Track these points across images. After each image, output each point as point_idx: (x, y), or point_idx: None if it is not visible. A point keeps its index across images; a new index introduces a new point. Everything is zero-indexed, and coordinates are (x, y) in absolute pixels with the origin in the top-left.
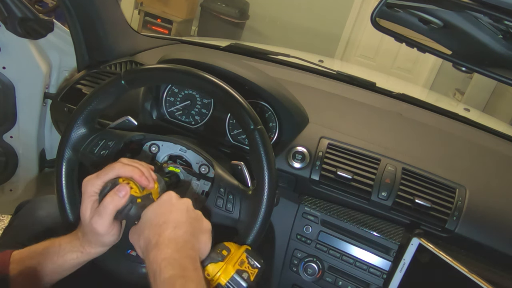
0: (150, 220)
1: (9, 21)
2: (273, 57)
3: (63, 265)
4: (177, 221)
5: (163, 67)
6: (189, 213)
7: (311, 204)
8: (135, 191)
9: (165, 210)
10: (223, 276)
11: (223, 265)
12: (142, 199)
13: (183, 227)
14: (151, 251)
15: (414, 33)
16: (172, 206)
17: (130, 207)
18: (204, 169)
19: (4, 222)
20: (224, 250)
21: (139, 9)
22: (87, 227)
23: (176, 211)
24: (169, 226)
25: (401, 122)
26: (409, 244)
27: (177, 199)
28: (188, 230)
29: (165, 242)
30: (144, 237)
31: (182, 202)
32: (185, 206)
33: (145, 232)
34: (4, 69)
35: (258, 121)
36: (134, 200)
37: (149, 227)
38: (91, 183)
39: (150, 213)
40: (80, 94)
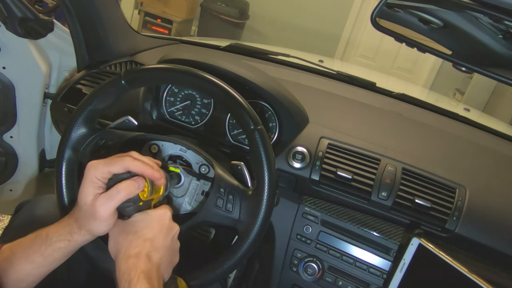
0: (138, 227)
1: (9, 21)
2: (273, 57)
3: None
4: (160, 245)
5: (163, 67)
6: (172, 242)
7: (311, 204)
8: (143, 195)
9: (156, 226)
10: None
11: None
12: (143, 204)
13: (162, 252)
14: (131, 257)
15: (414, 33)
16: (163, 227)
17: (131, 205)
18: (204, 169)
19: (4, 222)
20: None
21: (139, 9)
22: (86, 210)
23: (163, 234)
24: (152, 245)
25: (401, 122)
26: (409, 244)
27: (170, 220)
28: (164, 257)
29: (144, 258)
30: (127, 239)
31: (173, 227)
32: (173, 232)
33: (129, 235)
34: (4, 69)
35: (258, 121)
36: (137, 201)
37: (134, 233)
38: (96, 168)
39: (142, 221)
40: (80, 94)
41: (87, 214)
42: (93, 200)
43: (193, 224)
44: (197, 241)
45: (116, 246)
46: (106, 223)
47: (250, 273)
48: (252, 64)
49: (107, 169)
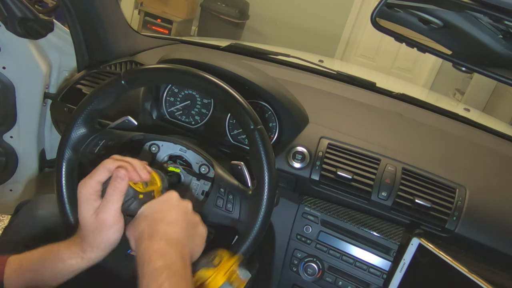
0: (147, 214)
1: (9, 21)
2: (273, 57)
3: (62, 272)
4: (174, 220)
5: (163, 67)
6: (187, 215)
7: (311, 204)
8: (138, 187)
9: (164, 207)
10: (212, 284)
11: (214, 273)
12: (144, 196)
13: (179, 226)
14: (144, 242)
15: (414, 33)
16: (172, 206)
17: (132, 201)
18: (204, 169)
19: (4, 222)
20: (217, 258)
21: (139, 9)
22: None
23: (174, 211)
24: (164, 222)
25: (401, 122)
26: (409, 244)
27: (178, 199)
28: (182, 230)
29: (158, 235)
30: (139, 229)
31: (183, 203)
32: (185, 207)
33: (141, 224)
34: (4, 69)
35: (258, 121)
36: (136, 195)
37: (145, 220)
38: (85, 185)
39: (148, 208)
40: (80, 94)
41: (92, 229)
42: (94, 214)
43: None
44: None
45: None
46: (114, 229)
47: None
48: (252, 64)
49: (95, 181)
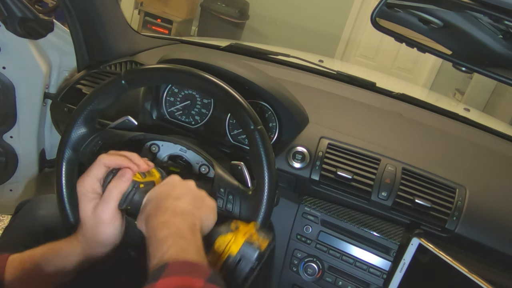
0: (152, 198)
1: (9, 21)
2: (273, 57)
3: (64, 269)
4: (179, 194)
5: (163, 67)
6: (192, 190)
7: (311, 204)
8: (137, 177)
9: (168, 188)
10: (233, 247)
11: (233, 236)
12: (145, 185)
13: (184, 199)
14: (150, 220)
15: (414, 33)
16: (175, 185)
17: (134, 192)
18: (204, 169)
19: (4, 222)
20: (233, 224)
21: (139, 9)
22: (90, 222)
23: (178, 187)
24: (169, 198)
25: (401, 122)
26: (409, 244)
27: (180, 180)
28: (188, 203)
29: (163, 209)
30: (146, 212)
31: (186, 181)
32: (189, 184)
33: (147, 208)
34: (4, 69)
35: (258, 121)
36: (137, 185)
37: (150, 203)
38: (82, 183)
39: (152, 192)
40: (80, 94)
41: (92, 226)
42: (93, 211)
43: None
44: None
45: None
46: (112, 226)
47: None
48: (252, 64)
49: (92, 178)
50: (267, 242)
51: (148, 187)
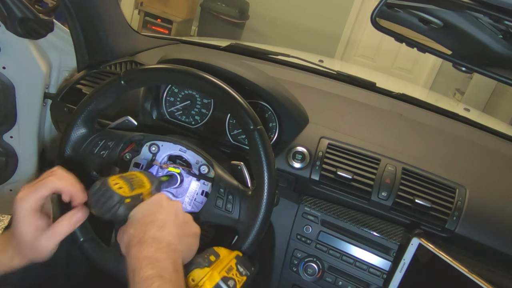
0: (136, 218)
1: (9, 21)
2: (273, 57)
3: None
4: (164, 222)
5: (163, 67)
6: (177, 215)
7: (311, 204)
8: (124, 191)
9: (154, 210)
10: (207, 283)
11: (209, 271)
12: (131, 199)
13: (169, 227)
14: (133, 247)
15: (414, 33)
16: (161, 207)
17: (118, 207)
18: (204, 169)
19: (4, 222)
20: (212, 256)
21: (139, 9)
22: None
23: (164, 212)
24: (154, 225)
25: (401, 122)
26: (409, 244)
27: (167, 201)
28: (173, 232)
29: (148, 241)
30: (128, 234)
31: (172, 204)
32: (175, 208)
33: (130, 229)
34: (4, 69)
35: (257, 121)
36: (122, 200)
37: (134, 225)
38: (25, 200)
39: (137, 211)
40: (80, 94)
41: (28, 248)
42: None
43: None
44: None
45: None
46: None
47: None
48: (252, 64)
49: (36, 198)
50: (244, 279)
51: (135, 202)
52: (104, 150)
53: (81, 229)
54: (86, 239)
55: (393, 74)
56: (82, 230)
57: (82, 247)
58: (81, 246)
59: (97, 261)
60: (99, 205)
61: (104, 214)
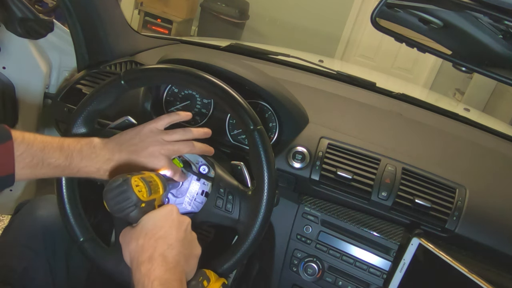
0: (148, 228)
1: (9, 21)
2: (273, 57)
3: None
4: (174, 240)
5: (163, 67)
6: (186, 233)
7: (311, 204)
8: (142, 195)
9: (165, 223)
10: None
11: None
12: (146, 204)
13: (178, 247)
14: (143, 263)
15: (414, 33)
16: (173, 222)
17: (133, 209)
18: (204, 169)
19: (4, 222)
20: (205, 281)
21: (139, 9)
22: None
23: (175, 228)
24: (164, 242)
25: (401, 122)
26: (409, 244)
27: (178, 214)
28: (181, 252)
29: (158, 260)
30: (138, 244)
31: (183, 220)
32: (185, 225)
33: (139, 239)
34: (4, 69)
35: (257, 121)
36: (138, 203)
37: (144, 236)
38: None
39: (149, 221)
40: (80, 94)
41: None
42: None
43: (193, 224)
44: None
45: (130, 255)
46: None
47: (250, 273)
48: (252, 64)
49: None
50: None
51: (148, 207)
52: None
53: (81, 229)
54: (86, 239)
55: (393, 74)
56: (82, 230)
57: (82, 247)
58: (81, 246)
59: (97, 261)
60: (115, 201)
61: (116, 212)
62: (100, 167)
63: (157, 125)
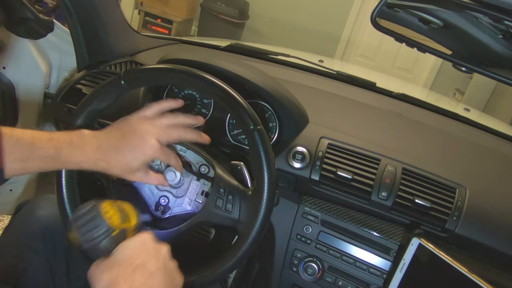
0: (122, 259)
1: (9, 21)
2: (273, 57)
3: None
4: (153, 269)
5: (163, 67)
6: (166, 261)
7: (311, 204)
8: (113, 222)
9: (142, 251)
10: None
11: None
12: (118, 233)
13: (159, 276)
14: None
15: (414, 33)
16: (150, 250)
17: (103, 238)
18: (204, 169)
19: (4, 222)
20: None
21: (139, 9)
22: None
23: (154, 256)
24: (144, 272)
25: (401, 122)
26: (409, 244)
27: (155, 242)
28: (163, 280)
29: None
30: (112, 273)
31: (161, 248)
32: (163, 253)
33: (114, 269)
34: (4, 69)
35: (257, 121)
36: (109, 232)
37: (119, 267)
38: None
39: (123, 250)
40: (80, 94)
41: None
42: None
43: (193, 224)
44: (197, 241)
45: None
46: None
47: (250, 273)
48: (252, 64)
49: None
50: None
51: (119, 237)
52: None
53: None
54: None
55: (393, 74)
56: None
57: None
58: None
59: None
60: (83, 231)
61: (84, 242)
62: (89, 156)
63: (146, 112)
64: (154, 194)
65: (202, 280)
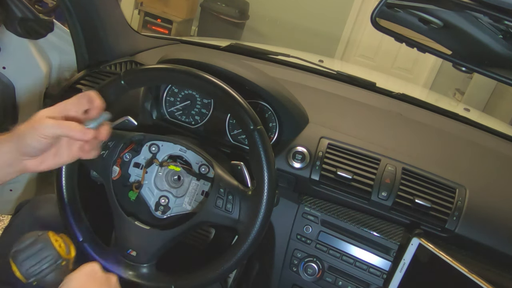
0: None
1: (9, 21)
2: (273, 57)
3: None
4: None
5: (163, 67)
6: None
7: (311, 204)
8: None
9: (93, 282)
10: None
11: None
12: (66, 263)
13: None
14: None
15: (414, 33)
16: (100, 279)
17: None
18: (204, 169)
19: (4, 222)
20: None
21: (139, 9)
22: None
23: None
24: None
25: (401, 122)
26: (409, 244)
27: (103, 273)
28: None
29: None
30: None
31: (111, 277)
32: (114, 282)
33: None
34: (4, 69)
35: (257, 121)
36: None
37: None
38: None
39: (72, 282)
40: None
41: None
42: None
43: (193, 224)
44: (197, 241)
45: None
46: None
47: (250, 273)
48: (252, 64)
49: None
50: None
51: (65, 268)
52: (104, 150)
53: (81, 229)
54: (86, 239)
55: (393, 74)
56: (82, 230)
57: (82, 247)
58: (81, 246)
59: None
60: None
61: (30, 275)
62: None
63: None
64: (154, 194)
65: (202, 280)
